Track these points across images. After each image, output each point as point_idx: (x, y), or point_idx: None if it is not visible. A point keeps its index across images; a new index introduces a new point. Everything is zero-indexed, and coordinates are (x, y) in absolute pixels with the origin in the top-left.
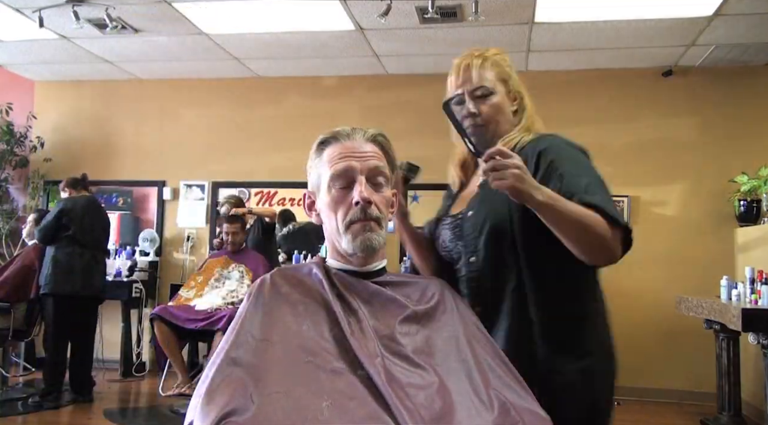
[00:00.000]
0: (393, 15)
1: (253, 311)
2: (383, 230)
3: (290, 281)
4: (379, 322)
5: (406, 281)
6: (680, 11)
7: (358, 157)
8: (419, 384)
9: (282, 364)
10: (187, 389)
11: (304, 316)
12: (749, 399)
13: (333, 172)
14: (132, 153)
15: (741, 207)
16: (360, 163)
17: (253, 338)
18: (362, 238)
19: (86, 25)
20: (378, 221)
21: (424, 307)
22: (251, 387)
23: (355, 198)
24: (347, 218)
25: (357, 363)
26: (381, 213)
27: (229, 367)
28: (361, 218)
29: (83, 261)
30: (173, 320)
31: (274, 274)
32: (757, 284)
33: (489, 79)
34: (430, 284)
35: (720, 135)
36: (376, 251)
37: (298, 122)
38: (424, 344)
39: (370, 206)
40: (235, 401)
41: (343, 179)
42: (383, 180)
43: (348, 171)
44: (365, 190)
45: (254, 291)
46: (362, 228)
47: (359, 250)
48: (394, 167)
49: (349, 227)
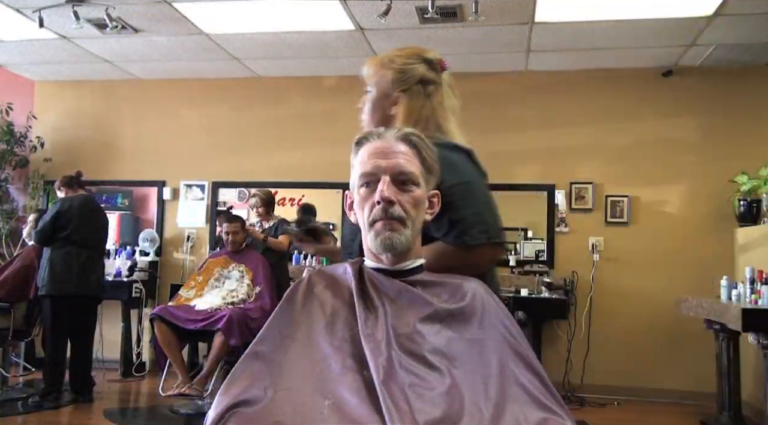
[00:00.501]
0: (393, 15)
1: (284, 308)
2: (408, 229)
3: (325, 281)
4: (399, 320)
5: (440, 280)
6: (680, 11)
7: (385, 156)
8: (428, 385)
9: (300, 361)
10: (187, 389)
11: (330, 315)
12: (749, 399)
13: (361, 172)
14: (132, 153)
15: (741, 207)
16: (386, 162)
17: (279, 335)
18: (382, 237)
19: (86, 25)
20: (401, 220)
21: (450, 307)
22: (267, 381)
23: (376, 197)
24: (370, 217)
25: (364, 363)
26: (405, 213)
27: (251, 360)
28: (382, 218)
29: (80, 261)
30: (173, 320)
31: (312, 274)
32: (757, 284)
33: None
34: (466, 285)
35: (720, 135)
36: (399, 251)
37: (298, 122)
38: (445, 344)
39: (392, 206)
40: (248, 392)
41: (369, 179)
42: (411, 179)
43: (373, 171)
44: (387, 189)
45: (290, 290)
46: (383, 227)
47: (381, 249)
48: (429, 166)
49: (372, 226)
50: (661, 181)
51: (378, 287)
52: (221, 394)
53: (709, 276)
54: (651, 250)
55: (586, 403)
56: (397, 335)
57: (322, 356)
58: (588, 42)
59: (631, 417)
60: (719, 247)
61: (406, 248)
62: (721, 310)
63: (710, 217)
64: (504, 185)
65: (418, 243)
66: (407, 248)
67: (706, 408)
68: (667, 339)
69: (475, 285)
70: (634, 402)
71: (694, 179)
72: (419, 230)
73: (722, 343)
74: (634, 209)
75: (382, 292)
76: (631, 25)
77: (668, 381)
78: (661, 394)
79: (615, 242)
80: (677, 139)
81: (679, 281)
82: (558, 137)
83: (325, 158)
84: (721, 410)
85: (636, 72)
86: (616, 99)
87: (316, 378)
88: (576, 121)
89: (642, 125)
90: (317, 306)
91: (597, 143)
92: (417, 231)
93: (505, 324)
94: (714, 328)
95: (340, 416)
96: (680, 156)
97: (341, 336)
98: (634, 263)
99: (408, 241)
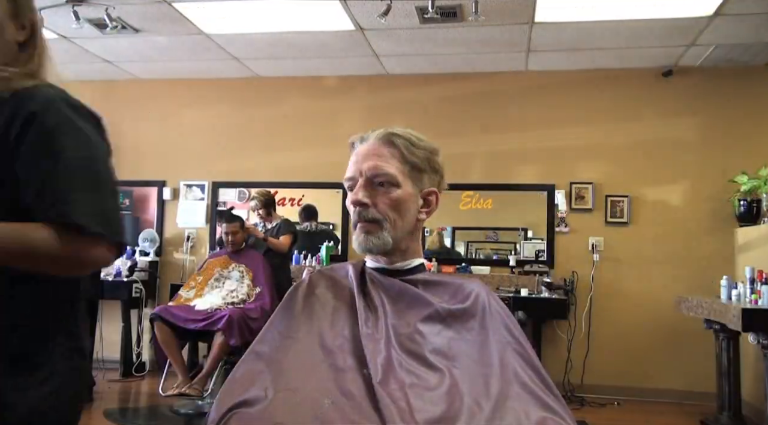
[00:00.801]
0: (393, 15)
1: (285, 308)
2: (385, 231)
3: (327, 282)
4: (400, 320)
5: (441, 280)
6: (680, 11)
7: (364, 159)
8: (428, 385)
9: (300, 361)
10: (187, 389)
11: (331, 315)
12: (749, 399)
13: (344, 177)
14: (132, 153)
15: (741, 207)
16: (363, 165)
17: (280, 334)
18: (359, 239)
19: (86, 25)
20: (376, 221)
21: (451, 307)
22: (268, 381)
23: (349, 201)
24: (353, 219)
25: (365, 362)
26: (380, 214)
27: (251, 360)
28: (358, 220)
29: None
30: (173, 320)
31: (313, 274)
32: (757, 284)
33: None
34: (467, 286)
35: (720, 135)
36: (375, 253)
37: (298, 122)
38: (445, 344)
39: (366, 209)
40: (249, 392)
41: (350, 183)
42: (389, 180)
43: (352, 175)
44: (360, 192)
45: (291, 290)
46: (360, 230)
47: (359, 250)
48: (416, 164)
49: (355, 228)
50: (661, 181)
51: (379, 287)
52: (222, 395)
53: (709, 276)
54: (651, 250)
55: (586, 403)
56: (397, 334)
57: (322, 355)
58: (588, 42)
59: (631, 417)
60: (719, 247)
61: (381, 250)
62: (721, 310)
63: (710, 217)
64: (504, 185)
65: (412, 244)
66: (387, 249)
67: (706, 408)
68: (667, 339)
69: (477, 286)
70: (634, 402)
71: (694, 179)
72: (409, 229)
73: (722, 343)
74: (634, 209)
75: (383, 292)
76: (631, 25)
77: (668, 381)
78: (661, 394)
79: (615, 242)
80: (677, 139)
81: (679, 281)
82: (558, 137)
83: (325, 158)
84: (721, 410)
85: (636, 72)
86: (616, 99)
87: (316, 378)
88: (576, 121)
89: (642, 124)
90: (318, 306)
91: (597, 143)
92: (404, 231)
93: (507, 325)
94: (714, 328)
95: (341, 415)
96: (680, 156)
97: (342, 336)
98: (634, 263)
99: (384, 242)
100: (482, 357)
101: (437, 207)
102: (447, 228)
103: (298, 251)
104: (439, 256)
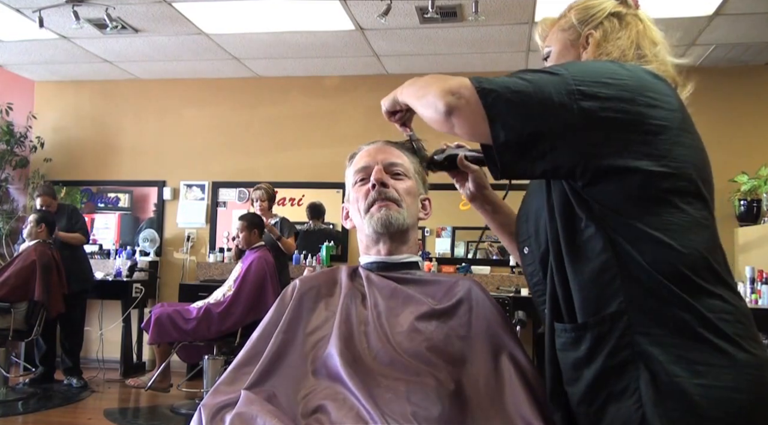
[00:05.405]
0: (393, 15)
1: (276, 310)
2: (404, 211)
3: (318, 282)
4: (394, 319)
5: (434, 279)
6: (680, 11)
7: (377, 153)
8: (424, 382)
9: (292, 361)
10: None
11: (323, 315)
12: None
13: (355, 170)
14: (132, 153)
15: (741, 207)
16: (378, 156)
17: (271, 335)
18: (379, 215)
19: (86, 25)
20: (396, 201)
21: (444, 305)
22: (260, 381)
23: (371, 182)
24: (365, 204)
25: (359, 361)
26: (399, 196)
27: (243, 361)
28: (376, 199)
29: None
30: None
31: (303, 277)
32: (757, 284)
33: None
34: (457, 283)
35: (720, 135)
36: (395, 228)
37: (299, 121)
38: (440, 342)
39: (387, 188)
40: (231, 396)
41: (363, 174)
42: (403, 171)
43: (366, 165)
44: (380, 173)
45: (281, 294)
46: (378, 208)
47: (378, 226)
48: (419, 170)
49: (368, 211)
50: None
51: (372, 287)
52: (212, 394)
53: None
54: None
55: None
56: (392, 333)
57: (315, 355)
58: None
59: None
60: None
61: (403, 226)
62: None
63: None
64: (504, 184)
65: (414, 238)
66: (404, 227)
67: None
68: None
69: (469, 284)
70: None
71: None
72: (414, 223)
73: None
74: None
75: (377, 291)
76: None
77: None
78: None
79: None
80: None
81: None
82: None
83: (326, 158)
84: None
85: None
86: None
87: (309, 377)
88: None
89: None
90: (308, 306)
91: None
92: (413, 219)
93: (500, 322)
94: None
95: (336, 414)
96: None
97: (335, 335)
98: None
99: (404, 220)
100: (476, 354)
101: (431, 214)
102: (447, 228)
103: (298, 251)
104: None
